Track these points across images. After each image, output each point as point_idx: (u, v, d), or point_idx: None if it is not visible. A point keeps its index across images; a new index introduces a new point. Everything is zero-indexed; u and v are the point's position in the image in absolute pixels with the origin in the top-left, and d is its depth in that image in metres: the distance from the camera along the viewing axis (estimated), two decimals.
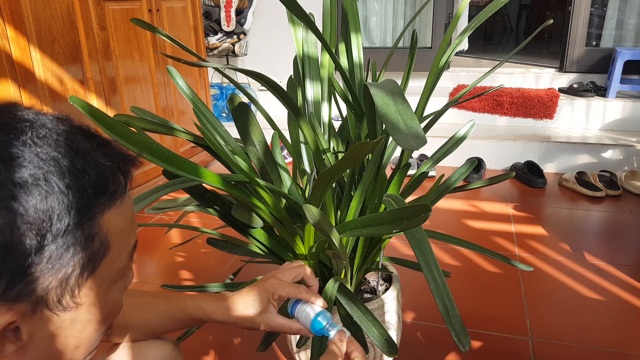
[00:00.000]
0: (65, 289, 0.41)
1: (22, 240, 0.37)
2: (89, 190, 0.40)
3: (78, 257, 0.40)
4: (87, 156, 0.41)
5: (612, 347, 1.26)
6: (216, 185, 0.81)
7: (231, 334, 1.35)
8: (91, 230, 0.40)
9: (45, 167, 0.38)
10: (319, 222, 0.72)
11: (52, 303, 0.40)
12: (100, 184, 0.41)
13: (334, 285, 0.90)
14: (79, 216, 0.39)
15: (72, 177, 0.39)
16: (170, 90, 2.38)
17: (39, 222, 0.37)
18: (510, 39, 5.66)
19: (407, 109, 0.57)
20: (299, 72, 1.07)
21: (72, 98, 0.70)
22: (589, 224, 1.98)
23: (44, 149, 0.39)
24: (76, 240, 0.39)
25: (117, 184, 0.43)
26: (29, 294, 0.38)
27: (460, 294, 1.50)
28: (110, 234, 0.42)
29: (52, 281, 0.39)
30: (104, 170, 0.41)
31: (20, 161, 0.37)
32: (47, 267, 0.38)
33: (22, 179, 0.37)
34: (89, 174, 0.40)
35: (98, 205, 0.41)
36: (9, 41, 1.54)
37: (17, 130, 0.39)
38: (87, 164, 0.40)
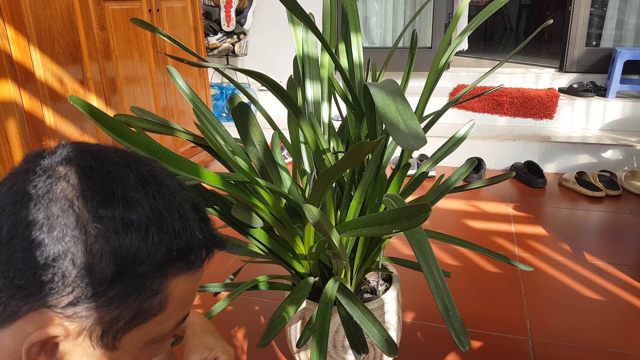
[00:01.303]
0: (112, 329, 0.44)
1: (103, 269, 0.41)
2: (173, 252, 0.44)
3: (136, 304, 0.43)
4: (186, 224, 0.45)
5: (612, 347, 1.26)
6: (216, 185, 0.82)
7: (231, 333, 1.36)
8: (159, 286, 0.44)
9: (152, 218, 0.43)
10: (319, 222, 0.72)
11: (95, 335, 0.43)
12: (185, 251, 0.45)
13: (334, 285, 0.90)
14: (155, 270, 0.43)
15: (167, 235, 0.43)
16: (170, 90, 2.38)
17: (123, 260, 0.41)
18: (510, 39, 5.66)
19: (407, 109, 0.57)
20: (299, 72, 1.07)
21: (72, 98, 0.70)
22: (589, 224, 1.98)
23: (159, 204, 0.44)
24: (143, 288, 0.43)
25: (198, 257, 0.47)
26: (84, 318, 0.42)
27: (460, 294, 1.50)
28: (172, 297, 0.46)
29: (106, 316, 0.42)
30: (193, 241, 0.45)
31: (135, 206, 0.42)
32: (109, 302, 0.42)
33: (129, 220, 0.42)
34: (180, 238, 0.44)
35: (174, 267, 0.44)
36: (8, 41, 1.54)
37: (147, 181, 0.44)
38: (183, 230, 0.45)
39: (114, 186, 0.42)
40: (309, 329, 0.91)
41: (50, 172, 0.42)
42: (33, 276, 0.40)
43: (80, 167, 0.43)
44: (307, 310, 0.99)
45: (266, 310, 1.45)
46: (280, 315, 0.85)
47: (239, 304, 1.48)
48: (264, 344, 0.81)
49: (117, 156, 0.45)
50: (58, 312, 0.41)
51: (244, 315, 1.43)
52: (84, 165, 0.43)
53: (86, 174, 0.42)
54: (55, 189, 0.41)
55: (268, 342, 0.81)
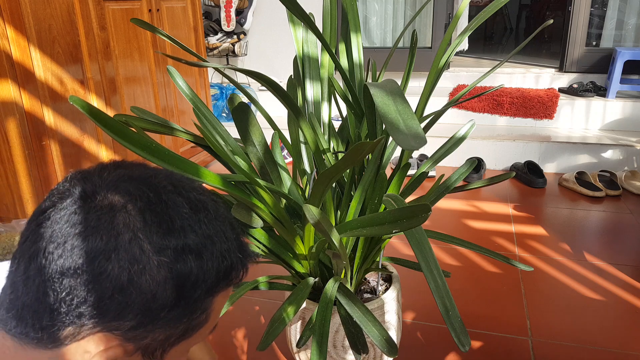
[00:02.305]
0: (164, 345, 0.46)
1: (165, 297, 0.43)
2: (220, 273, 0.46)
3: (187, 323, 0.46)
4: (230, 245, 0.47)
5: (612, 347, 1.26)
6: (216, 185, 0.81)
7: (231, 333, 1.36)
8: (206, 306, 0.47)
9: (205, 244, 0.45)
10: (319, 222, 0.72)
11: (148, 352, 0.46)
12: (228, 271, 0.47)
13: (334, 285, 0.90)
14: (205, 292, 0.45)
15: (216, 259, 0.45)
16: (170, 90, 2.38)
17: (183, 286, 0.43)
18: (510, 39, 5.66)
19: (407, 109, 0.57)
20: (299, 72, 1.07)
21: (72, 98, 0.70)
22: (589, 224, 1.98)
23: (209, 230, 0.45)
24: (194, 310, 0.45)
25: (238, 274, 0.49)
26: (141, 339, 0.44)
27: (460, 294, 1.50)
28: (213, 310, 0.48)
29: (160, 336, 0.45)
30: (235, 260, 0.48)
31: (191, 234, 0.44)
32: (166, 323, 0.44)
33: (188, 248, 0.44)
34: (226, 260, 0.47)
35: (219, 287, 0.47)
36: (9, 41, 1.54)
37: (198, 208, 0.46)
38: (228, 252, 0.47)
39: (172, 216, 0.44)
40: (309, 329, 0.91)
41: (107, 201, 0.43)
42: (98, 305, 0.41)
43: (138, 198, 0.44)
44: (307, 310, 0.99)
45: (266, 311, 1.45)
46: (280, 316, 0.85)
47: (239, 304, 1.48)
48: (263, 347, 0.81)
49: (168, 183, 0.46)
50: (118, 335, 0.43)
51: (244, 315, 1.43)
52: (141, 195, 0.44)
53: (145, 205, 0.43)
54: (118, 221, 0.42)
55: (268, 345, 0.81)
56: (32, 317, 0.42)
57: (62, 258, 0.41)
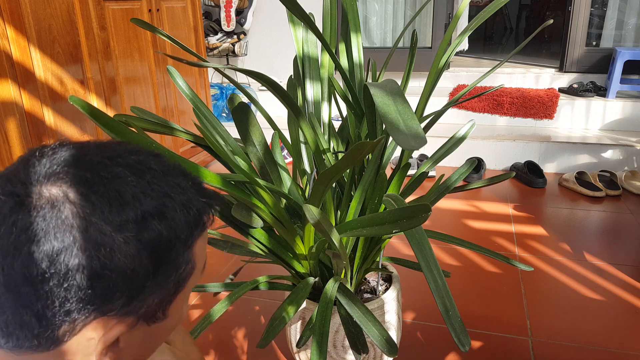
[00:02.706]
0: (161, 305, 0.46)
1: (145, 265, 0.42)
2: (192, 224, 0.46)
3: (176, 279, 0.46)
4: (189, 194, 0.47)
5: (612, 347, 1.26)
6: (216, 185, 0.81)
7: (231, 333, 1.36)
8: (187, 257, 0.46)
9: (163, 204, 0.44)
10: (319, 222, 0.72)
11: (149, 317, 0.46)
12: (198, 218, 0.47)
13: (334, 285, 0.90)
14: (183, 245, 0.45)
15: (182, 212, 0.45)
16: (170, 90, 2.38)
17: (157, 250, 0.43)
18: (510, 39, 5.66)
19: (407, 109, 0.57)
20: (299, 72, 1.07)
21: (72, 98, 0.70)
22: (589, 224, 1.98)
23: (162, 188, 0.45)
24: (178, 265, 0.45)
25: (208, 218, 0.49)
26: (138, 310, 0.44)
27: (460, 294, 1.50)
28: (196, 256, 0.48)
29: (155, 299, 0.45)
30: (200, 206, 0.47)
31: (147, 199, 0.43)
32: (156, 288, 0.44)
33: (147, 213, 0.43)
34: (191, 209, 0.46)
35: (194, 236, 0.47)
36: (9, 41, 1.54)
37: (141, 171, 0.45)
38: (190, 201, 0.46)
39: (119, 190, 0.43)
40: (309, 329, 0.91)
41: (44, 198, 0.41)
42: (81, 298, 0.41)
43: (75, 183, 0.42)
44: (307, 310, 0.99)
45: (266, 310, 1.45)
46: (280, 315, 0.85)
47: (239, 304, 1.48)
48: (264, 345, 0.81)
49: (102, 157, 0.44)
50: (114, 315, 0.43)
51: (244, 315, 1.43)
52: (78, 180, 0.42)
53: (87, 188, 0.42)
54: (66, 214, 0.40)
55: (268, 343, 0.81)
56: (21, 330, 0.41)
57: (25, 267, 0.39)
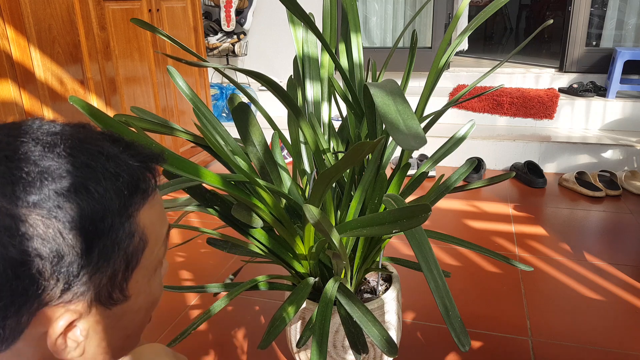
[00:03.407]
0: (115, 285, 0.44)
1: (72, 245, 0.40)
2: (124, 192, 0.43)
3: (122, 254, 0.43)
4: (117, 160, 0.43)
5: (612, 347, 1.26)
6: (216, 185, 0.82)
7: (231, 333, 1.36)
8: (131, 229, 0.44)
9: (82, 175, 0.41)
10: (319, 222, 0.72)
11: (104, 299, 0.44)
12: (133, 184, 0.44)
13: (334, 285, 0.90)
14: (119, 217, 0.42)
15: (107, 181, 0.42)
16: (170, 90, 2.38)
17: (85, 227, 0.40)
18: (510, 39, 5.66)
19: (407, 109, 0.57)
20: (299, 72, 1.07)
21: (72, 98, 0.70)
22: (589, 224, 1.98)
23: (78, 158, 0.41)
24: (119, 239, 0.43)
25: (148, 182, 0.46)
26: (84, 293, 0.42)
27: (460, 294, 1.50)
28: (147, 227, 0.46)
29: (102, 279, 0.43)
30: (134, 171, 0.44)
31: (60, 172, 0.40)
32: (97, 267, 0.42)
33: (64, 189, 0.40)
34: (121, 176, 0.43)
35: (134, 205, 0.44)
36: (9, 41, 1.54)
37: (51, 143, 0.41)
38: (118, 167, 0.43)
39: (24, 167, 0.39)
40: (309, 329, 0.91)
41: None
42: (12, 291, 0.39)
43: None
44: (307, 310, 0.99)
45: (266, 310, 1.45)
46: (281, 316, 0.85)
47: (239, 304, 1.48)
48: (264, 346, 0.81)
49: (7, 136, 0.41)
50: (58, 304, 0.41)
51: (244, 315, 1.43)
52: None
53: None
54: None
55: (268, 344, 0.81)
56: None
57: None
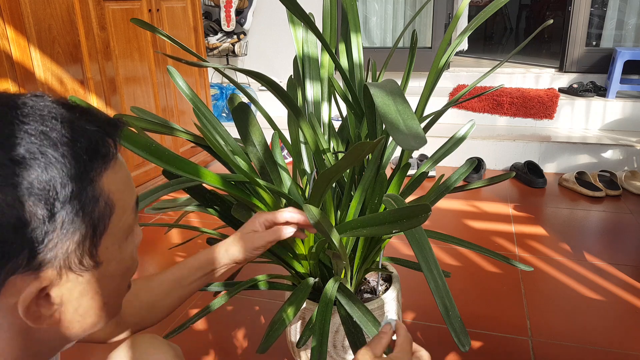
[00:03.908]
0: (84, 251, 0.44)
1: (33, 211, 0.40)
2: (83, 156, 0.43)
3: (88, 219, 0.44)
4: (73, 125, 0.43)
5: (612, 347, 1.26)
6: (216, 185, 0.82)
7: (231, 333, 1.36)
8: (94, 193, 0.44)
9: (38, 141, 0.41)
10: (318, 222, 0.72)
11: (74, 265, 0.44)
12: (92, 148, 0.44)
13: (333, 285, 0.90)
14: (80, 181, 0.42)
15: (65, 146, 0.42)
16: (170, 90, 2.38)
17: (45, 193, 0.40)
18: (510, 39, 5.66)
19: (407, 109, 0.57)
20: (299, 72, 1.07)
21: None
22: (589, 224, 1.98)
23: (32, 125, 0.41)
24: (83, 204, 0.43)
25: (107, 147, 0.46)
26: (52, 260, 0.42)
27: (460, 294, 1.50)
28: (112, 193, 0.46)
29: (69, 245, 0.43)
30: (92, 135, 0.44)
31: (13, 140, 0.40)
32: (63, 233, 0.42)
33: (19, 156, 0.40)
34: (79, 141, 0.43)
35: (95, 169, 0.44)
36: (9, 41, 1.54)
37: (2, 112, 0.41)
38: (75, 132, 0.43)
39: None
40: (309, 329, 0.91)
41: None
42: None
43: None
44: (307, 310, 1.00)
45: (266, 310, 1.45)
46: (280, 318, 0.85)
47: (239, 304, 1.48)
48: (264, 349, 0.81)
49: None
50: (25, 272, 0.41)
51: (244, 315, 1.43)
52: None
53: None
54: None
55: (268, 347, 0.81)
56: None
57: None
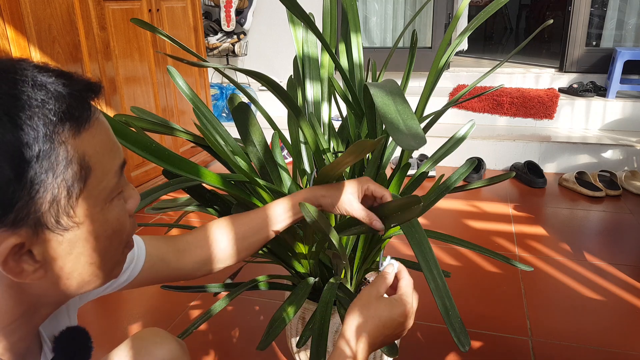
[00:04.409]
0: (59, 210, 0.45)
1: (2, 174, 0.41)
2: (52, 118, 0.43)
3: (60, 180, 0.44)
4: (45, 88, 0.44)
5: (612, 347, 1.26)
6: (216, 185, 0.82)
7: (231, 333, 1.36)
8: (66, 155, 0.44)
9: (5, 103, 0.42)
10: (316, 222, 0.72)
11: (51, 225, 0.45)
12: (63, 111, 0.44)
13: (334, 285, 0.90)
14: (48, 142, 0.43)
15: (34, 108, 0.43)
16: (170, 90, 2.38)
17: (10, 154, 0.41)
18: (510, 39, 5.66)
19: (407, 109, 0.57)
20: (299, 72, 1.07)
21: None
22: (589, 224, 1.98)
23: (2, 88, 0.42)
24: (52, 164, 0.43)
25: (82, 110, 0.46)
26: (25, 218, 0.43)
27: (460, 294, 1.50)
28: (88, 156, 0.46)
29: (42, 203, 0.44)
30: (64, 98, 0.45)
31: None
32: (33, 192, 0.43)
33: None
34: (48, 103, 0.43)
35: (65, 131, 0.44)
36: (9, 41, 1.54)
37: None
38: (47, 94, 0.44)
39: None
40: (309, 329, 0.91)
41: None
42: None
43: None
44: (307, 310, 1.00)
45: (266, 310, 1.45)
46: (280, 317, 0.85)
47: (238, 304, 1.48)
48: (263, 347, 0.81)
49: None
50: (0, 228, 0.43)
51: (244, 315, 1.43)
52: None
53: None
54: None
55: (268, 345, 0.81)
56: None
57: None
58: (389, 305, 0.67)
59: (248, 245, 0.80)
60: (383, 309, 0.67)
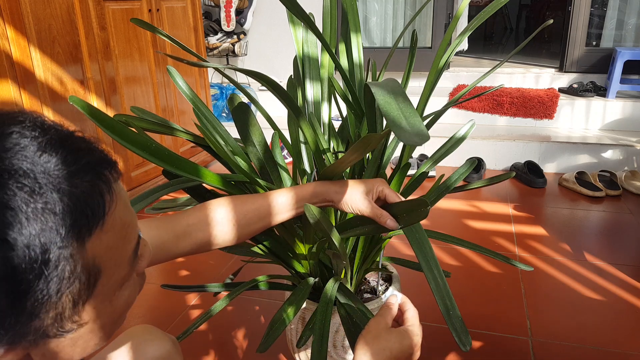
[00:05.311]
0: (63, 320, 0.39)
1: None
2: (59, 231, 0.35)
3: (65, 296, 0.38)
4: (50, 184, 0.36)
5: (612, 347, 1.26)
6: (216, 185, 0.81)
7: (231, 333, 1.35)
8: (72, 269, 0.37)
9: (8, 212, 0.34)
10: (318, 222, 0.72)
11: (53, 333, 0.40)
12: (70, 224, 0.36)
13: (334, 285, 0.90)
14: (50, 263, 0.36)
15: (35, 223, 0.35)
16: (170, 90, 2.38)
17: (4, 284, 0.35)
18: (510, 39, 5.66)
19: (409, 107, 0.57)
20: (299, 72, 1.07)
21: (72, 98, 0.70)
22: (589, 224, 1.98)
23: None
24: (56, 283, 0.36)
25: (95, 205, 0.38)
26: (24, 336, 0.37)
27: (460, 294, 1.49)
28: (99, 257, 0.39)
29: (44, 320, 0.38)
30: (70, 198, 0.36)
31: None
32: (33, 317, 0.37)
33: None
34: (56, 208, 0.35)
35: (73, 243, 0.37)
36: (8, 41, 1.54)
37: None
38: (51, 194, 0.35)
39: None
40: (309, 329, 0.91)
41: None
42: None
43: None
44: (307, 310, 0.99)
45: (266, 310, 1.45)
46: (280, 318, 0.84)
47: (239, 304, 1.48)
48: (263, 349, 0.81)
49: None
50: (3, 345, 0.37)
51: (244, 315, 1.43)
52: None
53: None
54: None
55: (268, 347, 0.81)
56: None
57: None
58: (399, 337, 0.67)
59: (250, 231, 0.79)
60: (394, 341, 0.66)
